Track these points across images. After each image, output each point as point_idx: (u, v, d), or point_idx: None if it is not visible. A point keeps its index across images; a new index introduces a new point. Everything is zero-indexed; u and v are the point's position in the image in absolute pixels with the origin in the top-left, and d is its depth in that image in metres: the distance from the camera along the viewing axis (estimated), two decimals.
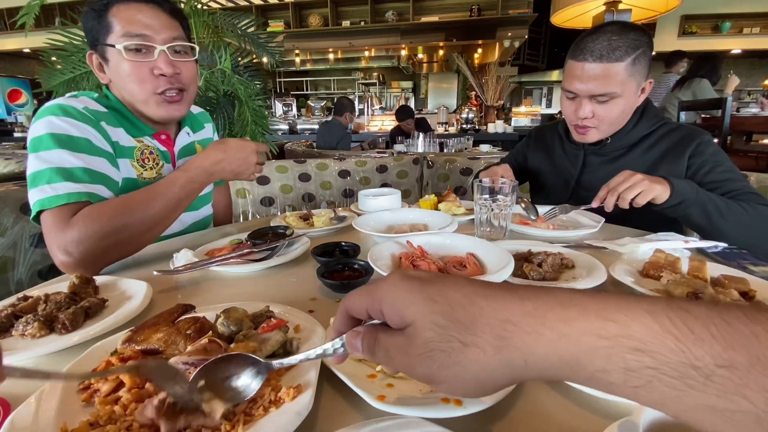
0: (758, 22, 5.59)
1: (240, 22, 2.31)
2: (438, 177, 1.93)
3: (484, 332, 0.24)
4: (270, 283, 0.71)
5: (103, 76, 0.89)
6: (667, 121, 1.11)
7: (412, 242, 0.74)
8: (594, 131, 1.08)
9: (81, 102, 0.84)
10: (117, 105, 0.90)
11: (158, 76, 0.86)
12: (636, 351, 0.21)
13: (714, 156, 1.01)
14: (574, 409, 0.38)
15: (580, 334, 0.22)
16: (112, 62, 0.85)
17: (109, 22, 0.82)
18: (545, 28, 6.29)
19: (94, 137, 0.82)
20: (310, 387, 0.38)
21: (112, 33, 0.82)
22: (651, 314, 0.21)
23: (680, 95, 3.41)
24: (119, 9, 0.83)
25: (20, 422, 0.34)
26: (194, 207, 1.07)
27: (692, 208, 0.89)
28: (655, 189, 0.87)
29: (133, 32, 0.82)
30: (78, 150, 0.79)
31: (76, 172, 0.77)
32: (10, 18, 5.94)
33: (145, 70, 0.85)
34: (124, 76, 0.85)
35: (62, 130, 0.78)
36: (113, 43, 0.83)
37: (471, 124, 5.75)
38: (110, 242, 0.75)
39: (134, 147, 0.91)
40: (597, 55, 0.97)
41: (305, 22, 5.90)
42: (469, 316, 0.25)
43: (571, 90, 1.04)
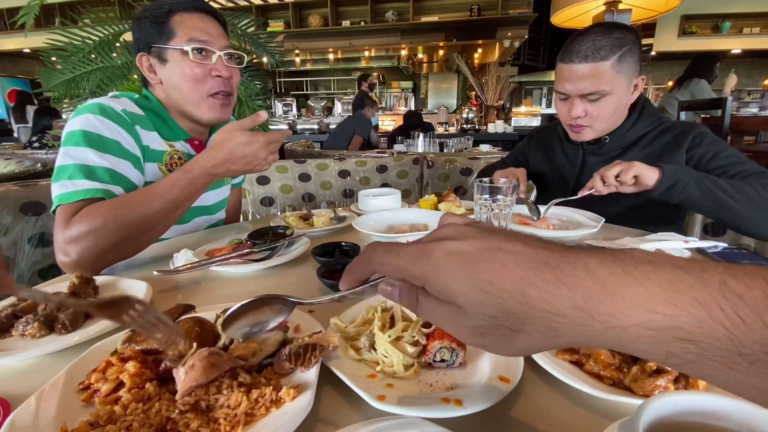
0: (758, 22, 5.59)
1: (240, 22, 2.31)
2: (438, 177, 1.93)
3: (534, 323, 0.24)
4: (270, 283, 0.71)
5: (154, 77, 0.94)
6: (664, 119, 1.12)
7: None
8: (588, 130, 1.10)
9: (121, 103, 0.89)
10: (156, 107, 0.95)
11: (215, 78, 0.93)
12: (682, 340, 0.21)
13: (713, 144, 1.02)
14: (574, 409, 0.38)
15: (628, 325, 0.22)
16: (171, 63, 0.91)
17: (172, 28, 0.90)
18: (545, 28, 6.30)
19: (124, 140, 0.86)
20: (310, 387, 0.38)
21: (176, 38, 0.90)
22: (701, 304, 0.21)
23: (678, 95, 3.41)
24: (183, 17, 0.91)
25: (20, 422, 0.34)
26: (210, 211, 1.09)
27: (690, 187, 0.89)
28: (634, 166, 0.88)
29: (197, 38, 0.91)
30: (105, 151, 0.82)
31: (98, 170, 0.80)
32: (10, 18, 5.93)
33: (205, 71, 0.92)
34: (184, 76, 0.91)
35: (95, 129, 0.82)
36: (180, 46, 0.90)
37: (471, 124, 5.75)
38: (108, 243, 0.75)
39: (165, 151, 0.95)
40: (583, 56, 1.00)
41: (305, 22, 5.90)
42: (520, 308, 0.24)
43: (562, 91, 1.07)
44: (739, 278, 0.21)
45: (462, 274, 0.26)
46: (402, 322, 0.46)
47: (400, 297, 0.30)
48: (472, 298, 0.25)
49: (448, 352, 0.42)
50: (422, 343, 0.43)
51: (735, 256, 0.78)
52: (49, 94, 1.99)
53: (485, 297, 0.25)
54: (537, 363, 0.42)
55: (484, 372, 0.41)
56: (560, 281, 0.24)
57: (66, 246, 0.74)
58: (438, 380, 0.41)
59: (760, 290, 0.20)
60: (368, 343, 0.45)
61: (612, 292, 0.23)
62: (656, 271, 0.22)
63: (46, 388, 0.39)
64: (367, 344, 0.45)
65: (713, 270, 0.22)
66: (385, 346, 0.43)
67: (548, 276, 0.24)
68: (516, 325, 0.25)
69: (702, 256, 0.79)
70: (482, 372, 0.41)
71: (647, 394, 0.37)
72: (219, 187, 1.10)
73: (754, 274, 0.21)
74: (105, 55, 1.97)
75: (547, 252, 0.25)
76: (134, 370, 0.39)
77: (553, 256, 0.25)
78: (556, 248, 0.26)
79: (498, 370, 0.40)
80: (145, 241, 0.82)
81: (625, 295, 0.22)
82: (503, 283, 0.25)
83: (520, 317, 0.25)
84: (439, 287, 0.27)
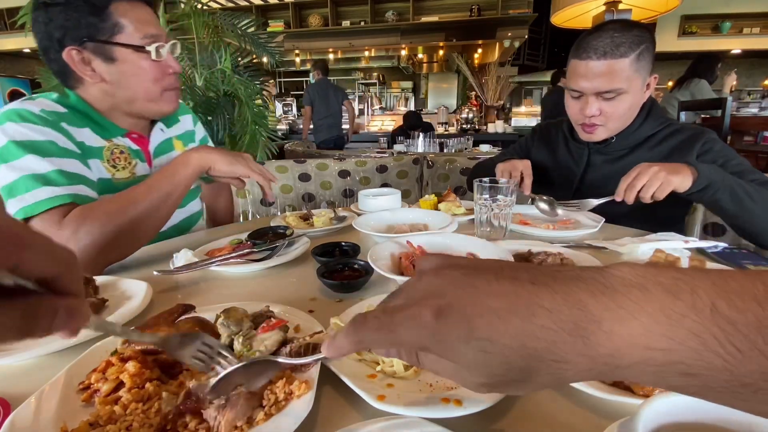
0: (758, 22, 5.59)
1: (240, 22, 2.31)
2: (438, 177, 1.93)
3: (540, 373, 0.24)
4: (270, 283, 0.71)
5: (92, 74, 0.83)
6: (672, 122, 1.11)
7: (412, 242, 0.74)
8: (602, 129, 1.08)
9: (37, 105, 0.81)
10: (81, 106, 0.87)
11: (171, 74, 0.90)
12: (683, 374, 0.21)
13: (723, 151, 1.01)
14: (574, 409, 0.38)
15: (630, 365, 0.22)
16: (123, 62, 0.83)
17: (117, 21, 0.81)
18: (545, 28, 6.30)
19: (58, 139, 0.79)
20: (310, 387, 0.38)
21: (125, 33, 0.82)
22: (696, 335, 0.20)
23: (678, 96, 3.41)
24: (125, 8, 0.81)
25: (20, 422, 0.34)
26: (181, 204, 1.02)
27: (720, 192, 0.87)
28: (671, 182, 0.86)
29: (150, 33, 0.84)
30: (46, 154, 0.76)
31: (51, 176, 0.75)
32: (10, 18, 5.93)
33: (160, 68, 0.87)
34: (141, 76, 0.85)
35: (24, 136, 0.76)
36: (136, 43, 0.82)
37: (471, 124, 5.75)
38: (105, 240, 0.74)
39: (103, 147, 0.89)
40: (601, 53, 0.97)
41: (305, 22, 5.90)
42: (524, 362, 0.24)
43: (577, 89, 1.04)
44: (729, 301, 0.20)
45: (459, 336, 0.24)
46: None
47: (399, 355, 0.29)
48: (473, 359, 0.25)
49: None
50: None
51: (735, 257, 0.78)
52: None
53: (488, 358, 0.24)
54: None
55: None
56: (560, 328, 0.23)
57: None
58: (438, 380, 0.41)
59: (752, 313, 0.20)
60: None
61: (609, 331, 0.22)
62: (647, 300, 0.22)
63: (46, 388, 0.39)
64: None
65: (703, 292, 0.21)
66: None
67: (546, 322, 0.23)
68: (522, 377, 0.25)
69: (702, 257, 0.79)
70: None
71: (647, 394, 0.37)
72: None
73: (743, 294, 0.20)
74: None
75: (538, 289, 0.24)
76: (134, 370, 0.39)
77: (546, 295, 0.24)
78: (545, 281, 0.25)
79: None
80: (143, 236, 0.81)
81: (622, 334, 0.22)
82: (502, 339, 0.24)
83: (525, 371, 0.24)
84: (439, 352, 0.26)
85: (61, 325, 0.25)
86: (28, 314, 0.24)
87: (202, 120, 2.32)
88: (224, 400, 0.35)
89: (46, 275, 0.24)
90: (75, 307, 0.26)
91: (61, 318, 0.25)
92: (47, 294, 0.25)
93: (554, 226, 1.00)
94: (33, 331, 0.24)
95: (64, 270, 0.25)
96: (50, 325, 0.25)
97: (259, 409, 0.36)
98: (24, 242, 0.23)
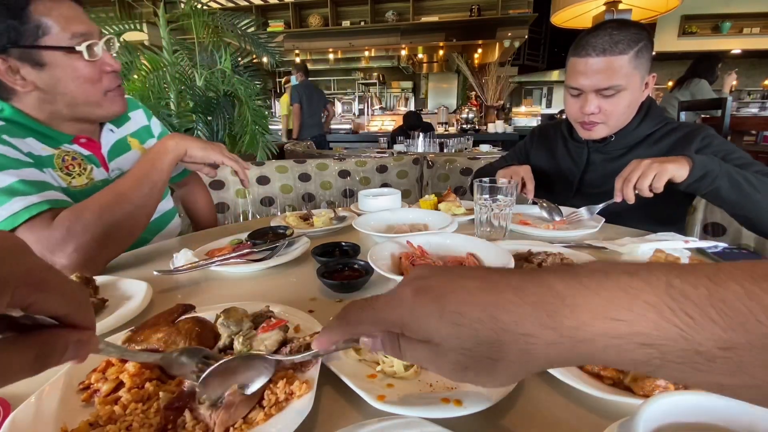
0: (758, 22, 5.59)
1: (240, 22, 2.31)
2: (438, 177, 1.93)
3: (509, 348, 0.25)
4: (270, 283, 0.71)
5: (23, 83, 0.76)
6: (670, 120, 1.11)
7: (412, 242, 0.74)
8: (602, 126, 1.07)
9: None
10: (17, 118, 0.80)
11: (109, 73, 0.85)
12: (643, 345, 0.22)
13: (723, 145, 1.01)
14: (574, 409, 0.38)
15: (594, 336, 0.23)
16: (53, 66, 0.77)
17: (39, 22, 0.73)
18: (545, 28, 6.30)
19: (6, 152, 0.74)
20: (310, 387, 0.38)
21: (51, 35, 0.75)
22: (653, 306, 0.22)
23: (679, 95, 3.41)
24: (46, 7, 0.74)
25: (20, 422, 0.35)
26: None
27: (719, 180, 0.86)
28: (667, 169, 0.86)
29: (80, 32, 0.77)
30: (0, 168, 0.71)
31: (16, 186, 0.71)
32: None
33: (97, 68, 0.82)
34: (76, 79, 0.80)
35: None
36: (65, 44, 0.76)
37: (471, 124, 5.75)
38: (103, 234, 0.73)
39: (53, 155, 0.83)
40: (600, 50, 0.98)
41: (305, 22, 5.90)
42: (493, 335, 0.25)
43: (576, 86, 1.04)
44: (683, 278, 0.22)
45: (434, 310, 0.27)
46: None
47: (383, 346, 0.30)
48: (446, 332, 0.26)
49: None
50: None
51: (735, 257, 0.78)
52: None
53: (459, 330, 0.26)
54: None
55: None
56: (523, 300, 0.25)
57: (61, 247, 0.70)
58: (438, 380, 0.41)
59: (704, 287, 0.21)
60: None
61: (572, 304, 0.24)
62: (608, 280, 0.24)
63: (46, 388, 0.39)
64: None
65: (658, 272, 0.23)
66: None
67: (512, 297, 0.25)
68: (492, 353, 0.26)
69: (702, 257, 0.79)
70: None
71: (647, 394, 0.37)
72: None
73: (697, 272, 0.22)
74: None
75: (509, 276, 0.27)
76: (134, 370, 0.39)
77: (514, 278, 0.26)
78: (518, 273, 0.27)
79: None
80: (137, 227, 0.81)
81: (585, 306, 0.24)
82: (472, 312, 0.26)
83: (494, 345, 0.25)
84: (415, 328, 0.28)
85: (71, 357, 0.27)
86: (42, 353, 0.25)
87: (202, 120, 2.33)
88: (219, 399, 0.35)
89: (59, 314, 0.26)
90: (85, 339, 0.27)
91: (71, 351, 0.27)
92: (59, 328, 0.26)
93: (554, 226, 1.00)
94: (45, 366, 0.25)
95: (76, 307, 0.26)
96: (61, 359, 0.26)
97: (259, 409, 0.36)
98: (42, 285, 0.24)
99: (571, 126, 1.23)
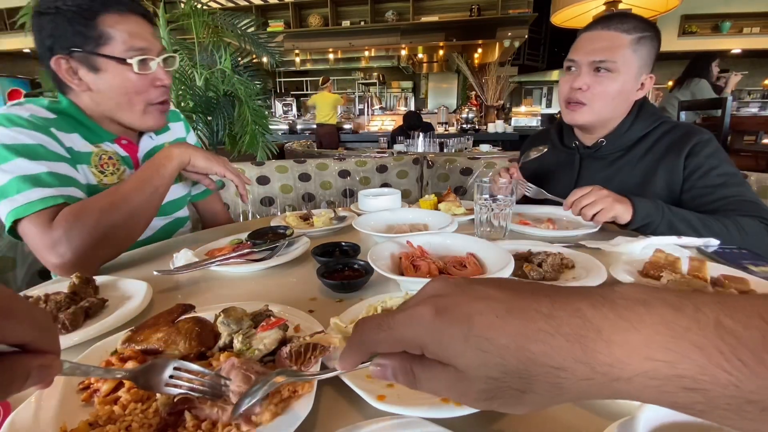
0: (758, 22, 5.59)
1: (240, 22, 2.31)
2: (438, 177, 1.93)
3: (538, 381, 0.24)
4: (270, 283, 0.71)
5: (78, 83, 0.84)
6: (666, 119, 1.09)
7: (412, 242, 0.74)
8: (586, 110, 1.05)
9: (27, 110, 0.82)
10: (71, 111, 0.87)
11: (158, 87, 0.90)
12: (687, 389, 0.20)
13: (710, 158, 0.98)
14: (574, 409, 0.38)
15: (631, 376, 0.21)
16: (106, 73, 0.84)
17: (103, 31, 0.81)
18: (545, 28, 6.30)
19: (47, 143, 0.80)
20: (311, 387, 0.38)
21: (110, 45, 0.82)
22: (700, 349, 0.20)
23: (679, 95, 3.41)
24: (114, 20, 0.82)
25: (20, 422, 0.35)
26: (164, 211, 1.02)
27: (660, 228, 0.89)
28: (615, 209, 0.87)
29: (137, 46, 0.84)
30: (36, 158, 0.76)
31: (42, 177, 0.75)
32: (10, 18, 5.94)
33: (147, 81, 0.88)
34: (124, 88, 0.86)
35: (14, 140, 0.76)
36: (119, 55, 0.82)
37: (471, 124, 5.75)
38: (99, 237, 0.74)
39: (91, 153, 0.89)
40: (606, 24, 1.01)
41: (305, 22, 5.90)
42: (522, 365, 0.23)
43: (573, 58, 1.05)
44: (735, 317, 0.20)
45: (457, 333, 0.25)
46: None
47: (395, 376, 0.28)
48: (471, 359, 0.24)
49: None
50: None
51: (735, 257, 0.77)
52: None
53: (485, 357, 0.24)
54: None
55: None
56: (557, 331, 0.23)
57: (56, 248, 0.71)
58: None
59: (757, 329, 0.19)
60: None
61: (608, 339, 0.22)
62: (649, 313, 0.22)
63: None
64: None
65: (707, 308, 0.21)
66: None
67: (543, 326, 0.23)
68: (520, 384, 0.24)
69: (702, 256, 0.79)
70: None
71: None
72: None
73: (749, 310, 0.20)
74: None
75: (538, 298, 0.25)
76: None
77: (545, 302, 0.24)
78: (545, 292, 0.25)
79: None
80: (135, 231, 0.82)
81: (622, 343, 0.22)
82: (500, 338, 0.24)
83: (523, 376, 0.24)
84: (438, 350, 0.26)
85: (35, 383, 0.26)
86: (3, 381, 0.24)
87: (202, 120, 2.33)
88: (221, 399, 0.35)
89: (24, 341, 0.25)
90: (48, 364, 0.27)
91: (35, 377, 0.26)
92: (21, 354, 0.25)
93: (554, 226, 1.00)
94: (8, 394, 0.25)
95: (40, 334, 0.26)
96: (23, 385, 0.26)
97: (264, 405, 0.36)
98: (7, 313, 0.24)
99: (562, 132, 1.21)
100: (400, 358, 0.28)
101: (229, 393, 0.35)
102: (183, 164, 0.88)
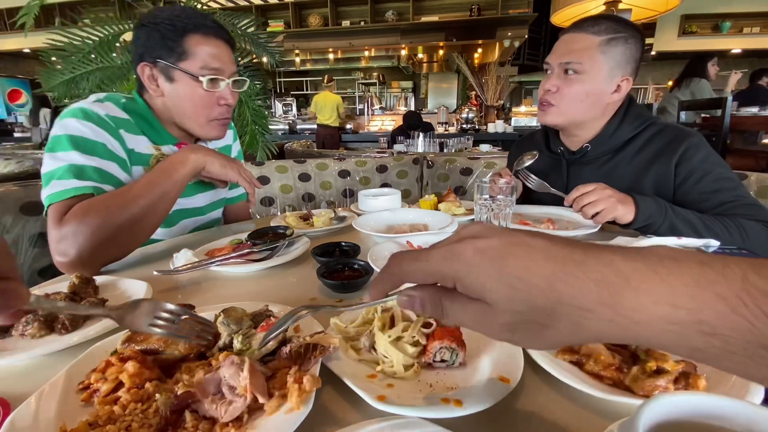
0: (758, 22, 5.59)
1: (240, 22, 2.30)
2: (438, 177, 1.93)
3: (561, 319, 0.25)
4: (270, 283, 0.71)
5: (156, 88, 0.93)
6: (654, 121, 1.06)
7: (412, 242, 0.74)
8: (554, 110, 1.05)
9: (104, 108, 0.88)
10: (145, 113, 0.96)
11: (222, 105, 0.97)
12: (705, 334, 0.22)
13: (703, 163, 0.96)
14: (574, 409, 0.38)
15: (651, 320, 0.23)
16: (179, 84, 0.92)
17: (186, 49, 0.90)
18: (545, 28, 6.30)
19: (109, 143, 0.86)
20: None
21: (189, 61, 0.90)
22: (724, 299, 0.21)
23: (679, 95, 3.41)
24: (198, 40, 0.90)
25: (20, 422, 0.35)
26: (201, 212, 1.08)
27: (661, 228, 0.89)
28: (617, 210, 0.87)
29: (212, 66, 0.92)
30: (91, 153, 0.82)
31: (86, 170, 0.81)
32: (10, 18, 5.94)
33: (213, 98, 0.95)
34: (192, 100, 0.93)
35: (80, 132, 0.82)
36: (193, 72, 0.90)
37: (471, 123, 5.75)
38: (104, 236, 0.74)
39: (151, 155, 0.95)
40: (579, 26, 1.01)
41: (305, 22, 5.90)
42: (549, 303, 0.25)
43: (547, 60, 1.06)
44: (762, 274, 0.21)
45: (492, 270, 0.26)
46: (402, 322, 0.46)
47: (422, 305, 0.30)
48: (502, 294, 0.26)
49: (449, 352, 0.42)
50: (422, 343, 0.43)
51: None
52: None
53: (515, 293, 0.26)
54: (537, 363, 0.42)
55: (484, 372, 0.41)
56: (587, 276, 0.25)
57: (61, 244, 0.74)
58: (438, 380, 0.41)
59: None
60: (368, 344, 0.45)
61: (636, 287, 0.23)
62: (679, 268, 0.23)
63: (46, 388, 0.39)
64: (368, 344, 0.45)
65: (735, 265, 0.22)
66: (385, 347, 0.43)
67: (575, 271, 0.25)
68: (544, 320, 0.26)
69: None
70: (482, 372, 0.41)
71: (647, 395, 0.37)
72: (209, 190, 1.09)
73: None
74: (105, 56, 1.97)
75: (572, 249, 0.26)
76: (133, 370, 0.39)
77: (578, 252, 0.26)
78: (580, 245, 0.27)
79: (498, 371, 0.40)
80: (141, 233, 0.82)
81: (649, 291, 0.23)
82: (532, 278, 0.25)
83: (548, 312, 0.25)
84: (471, 284, 0.27)
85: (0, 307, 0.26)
86: None
87: None
88: (220, 395, 0.36)
89: None
90: (10, 288, 0.27)
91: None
92: None
93: (554, 226, 1.00)
94: None
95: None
96: None
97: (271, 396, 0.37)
98: None
99: (548, 138, 1.20)
100: (431, 290, 0.30)
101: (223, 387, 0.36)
102: (198, 170, 0.88)
